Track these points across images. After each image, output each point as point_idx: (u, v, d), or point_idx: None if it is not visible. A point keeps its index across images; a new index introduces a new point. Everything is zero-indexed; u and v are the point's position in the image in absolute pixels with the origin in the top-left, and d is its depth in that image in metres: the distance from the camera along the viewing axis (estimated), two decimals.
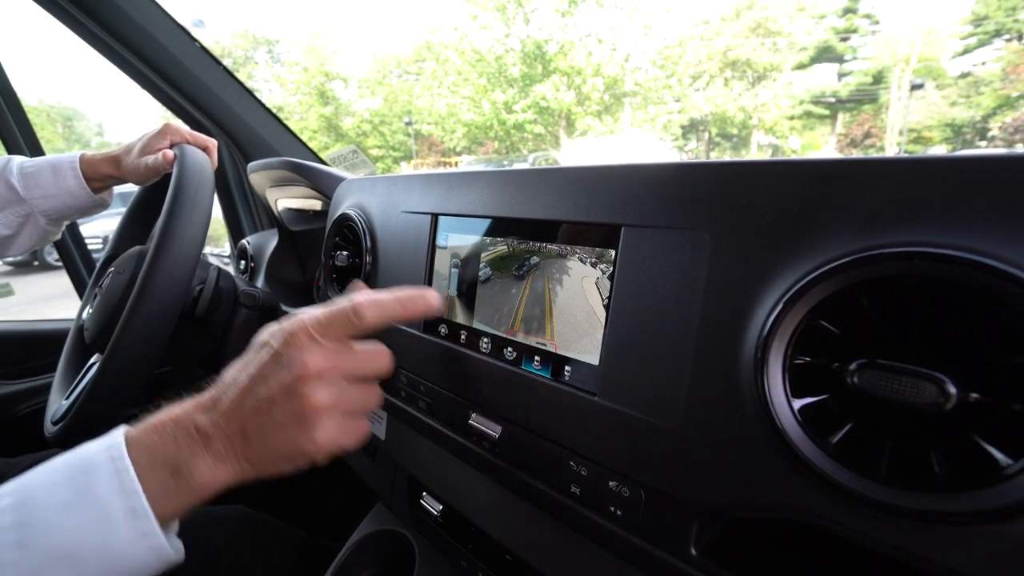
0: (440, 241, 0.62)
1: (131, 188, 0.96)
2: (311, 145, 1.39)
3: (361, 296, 0.44)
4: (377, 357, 0.45)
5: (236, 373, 0.43)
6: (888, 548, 0.30)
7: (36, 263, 7.50)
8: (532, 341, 0.50)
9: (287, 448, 0.40)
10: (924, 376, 0.27)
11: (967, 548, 0.27)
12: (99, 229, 4.34)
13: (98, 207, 0.92)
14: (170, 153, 0.81)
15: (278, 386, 0.40)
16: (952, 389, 0.27)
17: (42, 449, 0.92)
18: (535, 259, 0.50)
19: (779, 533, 0.41)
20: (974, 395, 0.27)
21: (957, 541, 0.27)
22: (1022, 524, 0.25)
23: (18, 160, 0.86)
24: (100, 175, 0.87)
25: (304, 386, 0.40)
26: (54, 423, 0.74)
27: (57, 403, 0.80)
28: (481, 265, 0.56)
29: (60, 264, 1.46)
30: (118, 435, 0.39)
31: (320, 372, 0.41)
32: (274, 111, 1.34)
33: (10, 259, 7.47)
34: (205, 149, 0.88)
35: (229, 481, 0.40)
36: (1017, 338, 0.26)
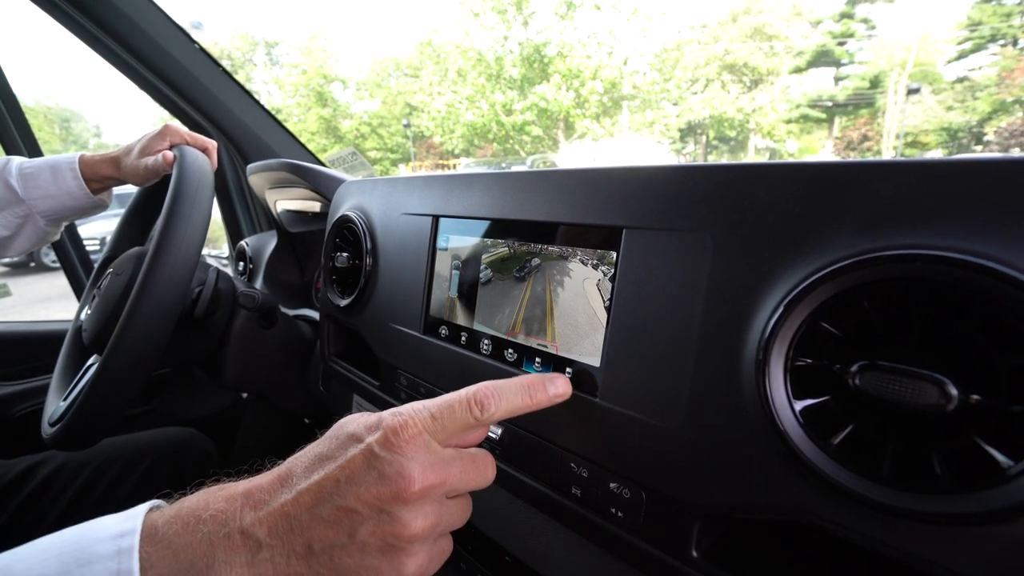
0: (441, 243, 0.62)
1: (130, 189, 0.96)
2: (309, 147, 1.39)
3: (480, 386, 0.37)
4: (486, 468, 0.37)
5: (310, 462, 0.34)
6: (889, 549, 0.30)
7: (32, 264, 7.48)
8: (533, 343, 0.50)
9: (365, 572, 0.31)
10: (925, 378, 0.27)
11: (968, 549, 0.27)
12: (97, 231, 4.33)
13: (97, 208, 0.91)
14: (169, 154, 0.81)
15: (371, 498, 0.31)
16: (953, 391, 0.27)
17: (39, 451, 0.91)
18: (536, 261, 0.50)
19: (780, 535, 0.42)
20: (975, 397, 0.27)
21: (958, 542, 0.27)
22: (1022, 525, 0.25)
23: (17, 161, 0.85)
24: (99, 176, 0.87)
25: (404, 507, 0.32)
26: (52, 424, 0.74)
27: (55, 404, 0.79)
28: (482, 267, 0.56)
29: (56, 265, 1.46)
30: (136, 520, 0.31)
31: (426, 489, 0.32)
32: (272, 113, 1.34)
33: (6, 260, 7.46)
34: (205, 150, 0.87)
35: None
36: (1017, 340, 0.26)
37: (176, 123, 1.09)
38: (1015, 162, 0.27)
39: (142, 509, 0.32)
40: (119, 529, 0.30)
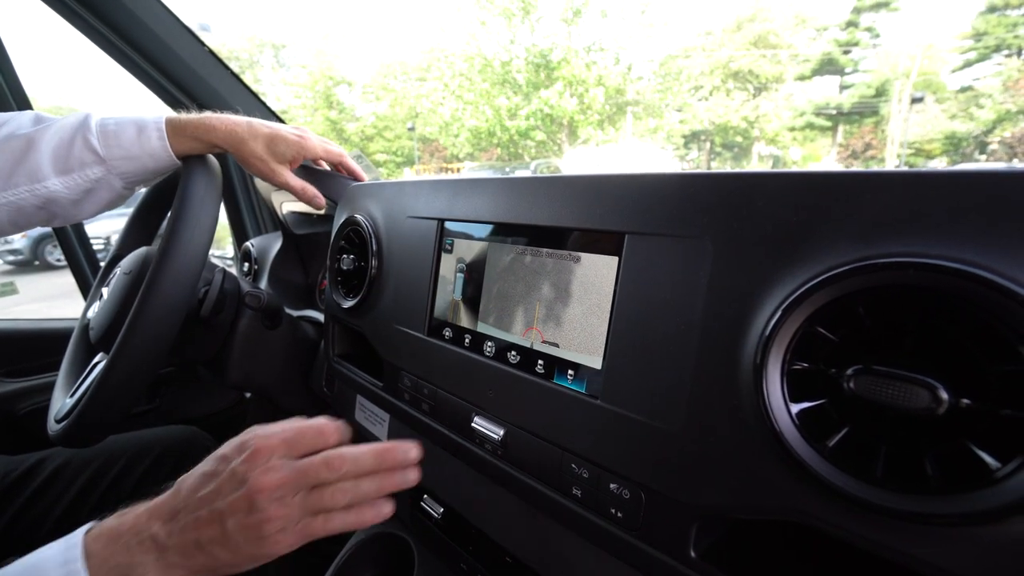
0: (446, 246, 0.63)
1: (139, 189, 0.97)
2: None
3: (336, 451, 0.46)
4: (334, 463, 0.45)
5: (196, 482, 0.44)
6: (883, 549, 0.30)
7: (37, 263, 7.51)
8: (536, 345, 0.51)
9: (242, 557, 0.42)
10: (917, 382, 0.28)
11: (958, 549, 0.28)
12: (102, 230, 4.35)
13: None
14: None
15: (234, 500, 0.42)
16: (944, 395, 0.27)
17: (44, 447, 0.92)
18: (539, 265, 0.51)
19: (777, 536, 0.42)
20: (965, 401, 0.28)
21: (949, 542, 0.28)
22: (1011, 525, 0.26)
23: (97, 117, 0.78)
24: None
25: (257, 502, 0.41)
26: (58, 421, 0.75)
27: (61, 401, 0.80)
28: (486, 270, 0.57)
29: (61, 264, 1.47)
30: (77, 547, 0.40)
31: (273, 488, 0.42)
32: (279, 114, 1.35)
33: (10, 258, 7.49)
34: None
35: None
36: (1006, 347, 0.27)
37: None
38: (1006, 174, 0.27)
39: (79, 534, 0.42)
40: (64, 557, 0.40)
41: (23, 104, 1.32)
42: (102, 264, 0.99)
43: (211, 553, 0.41)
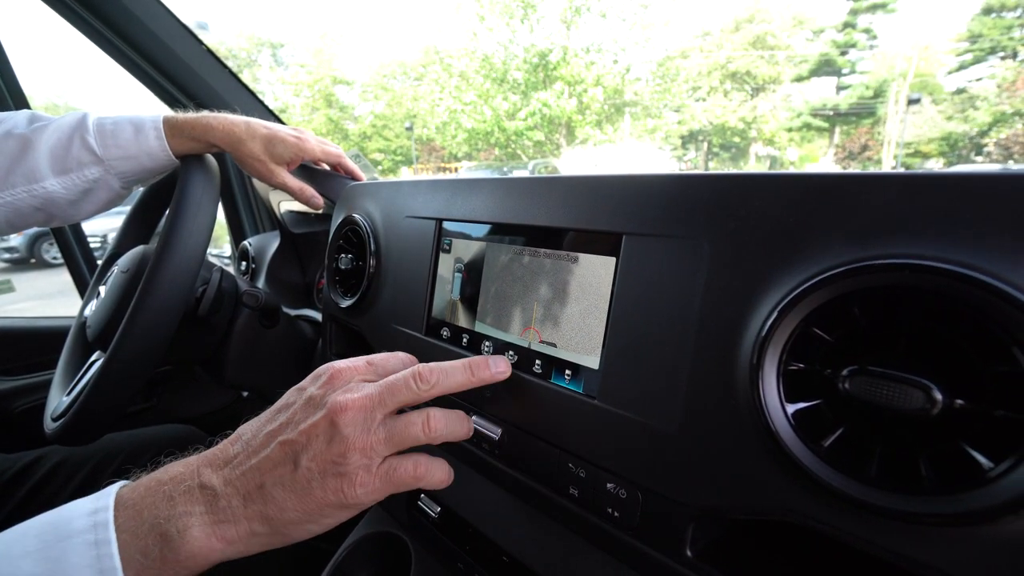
0: (444, 246, 0.63)
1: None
2: None
3: (426, 364, 0.41)
4: (411, 384, 0.39)
5: (262, 420, 0.38)
6: (878, 549, 0.30)
7: (33, 260, 7.50)
8: (534, 345, 0.51)
9: (314, 502, 0.34)
10: (912, 383, 0.28)
11: (952, 549, 0.28)
12: (99, 227, 4.34)
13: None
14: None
15: (309, 428, 0.35)
16: (938, 396, 0.28)
17: (40, 446, 0.92)
18: (537, 265, 0.51)
19: (773, 535, 0.42)
20: (959, 402, 0.28)
21: (943, 542, 0.28)
22: (1004, 525, 0.26)
23: (94, 116, 0.78)
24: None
25: (338, 428, 0.35)
26: (54, 419, 0.75)
27: (57, 399, 0.80)
28: (483, 270, 0.57)
29: (57, 262, 1.46)
30: (109, 497, 0.34)
31: (356, 410, 0.36)
32: (276, 113, 1.35)
33: (7, 256, 7.46)
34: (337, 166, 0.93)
35: (231, 550, 0.34)
36: (1000, 348, 0.27)
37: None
38: (1000, 176, 0.28)
39: (113, 487, 0.35)
40: (93, 506, 0.34)
41: (20, 102, 1.32)
42: (99, 262, 0.99)
43: (275, 500, 0.34)
